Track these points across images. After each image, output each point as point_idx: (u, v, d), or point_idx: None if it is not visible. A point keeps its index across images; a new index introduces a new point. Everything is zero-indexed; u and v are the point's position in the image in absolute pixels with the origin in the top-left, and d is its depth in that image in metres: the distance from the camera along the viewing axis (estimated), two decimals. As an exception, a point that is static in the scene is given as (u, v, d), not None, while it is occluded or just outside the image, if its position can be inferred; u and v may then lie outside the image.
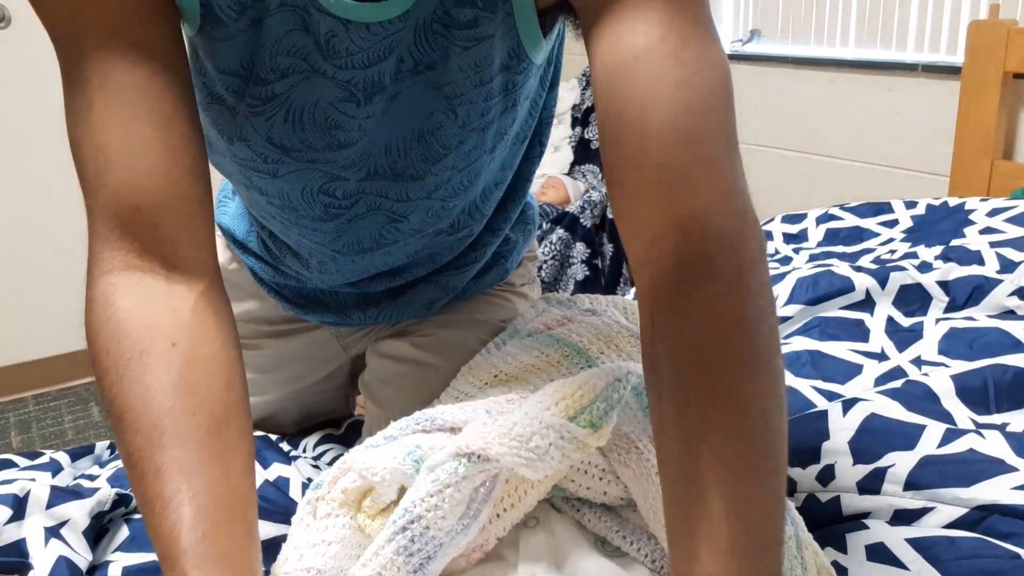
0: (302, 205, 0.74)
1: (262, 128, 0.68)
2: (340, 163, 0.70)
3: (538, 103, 0.78)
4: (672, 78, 0.51)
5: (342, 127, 0.68)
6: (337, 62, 0.63)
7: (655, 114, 0.51)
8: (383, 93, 0.66)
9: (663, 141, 0.51)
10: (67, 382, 2.95)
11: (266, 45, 0.63)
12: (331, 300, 0.92)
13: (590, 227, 2.77)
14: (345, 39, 0.62)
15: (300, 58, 0.63)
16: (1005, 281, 1.10)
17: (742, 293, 0.50)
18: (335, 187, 0.73)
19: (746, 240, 0.51)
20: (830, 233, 1.50)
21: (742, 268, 0.50)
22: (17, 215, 2.79)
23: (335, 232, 0.77)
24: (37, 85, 2.66)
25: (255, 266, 0.93)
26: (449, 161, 0.72)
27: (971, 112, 1.99)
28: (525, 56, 0.67)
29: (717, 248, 0.50)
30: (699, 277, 0.49)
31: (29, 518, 0.71)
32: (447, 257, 0.87)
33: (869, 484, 0.75)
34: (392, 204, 0.75)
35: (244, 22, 0.62)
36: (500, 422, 0.58)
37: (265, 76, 0.64)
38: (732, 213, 0.51)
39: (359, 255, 0.80)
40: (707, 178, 0.51)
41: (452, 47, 0.64)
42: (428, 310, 0.92)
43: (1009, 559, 0.64)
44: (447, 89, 0.67)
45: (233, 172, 0.75)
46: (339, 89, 0.65)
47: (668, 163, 0.50)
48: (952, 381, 0.87)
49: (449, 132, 0.70)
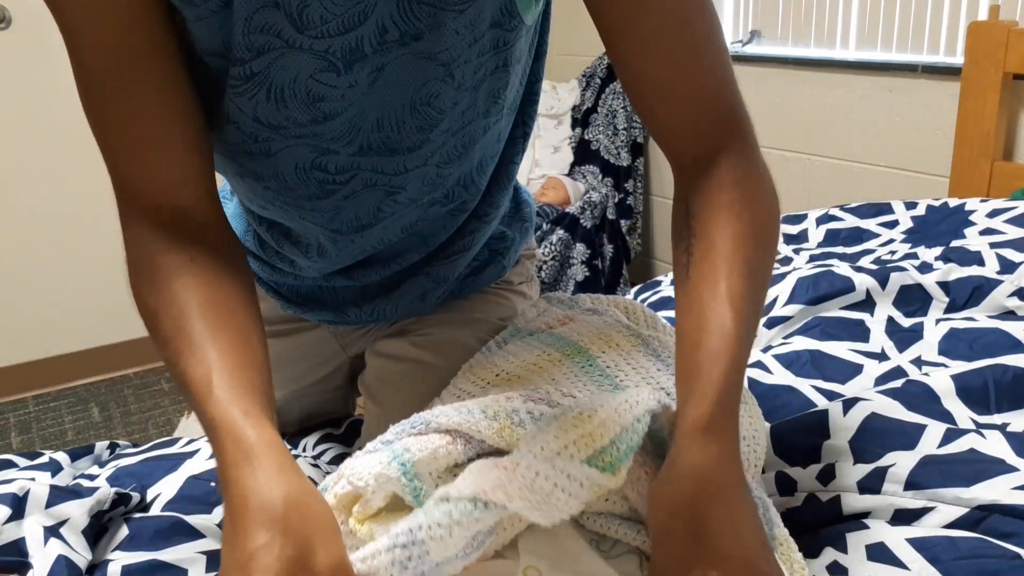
0: (297, 184, 0.75)
1: (247, 107, 0.68)
2: (328, 136, 0.71)
3: (526, 71, 0.79)
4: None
5: (325, 98, 0.68)
6: (312, 32, 0.64)
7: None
8: (365, 62, 0.66)
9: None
10: (67, 382, 2.95)
11: (238, 25, 0.63)
12: (328, 297, 0.92)
13: (590, 228, 2.77)
14: (319, 7, 0.62)
15: (274, 35, 0.64)
16: (1005, 282, 1.10)
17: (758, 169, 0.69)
18: (326, 161, 0.73)
19: (746, 126, 0.70)
20: (830, 234, 1.50)
21: (756, 151, 0.70)
22: (17, 215, 2.78)
23: (332, 210, 0.77)
24: (37, 85, 2.67)
25: (252, 265, 0.93)
26: (444, 125, 0.72)
27: (971, 113, 1.99)
28: (516, 14, 0.68)
29: (741, 135, 0.69)
30: (730, 157, 0.67)
31: (28, 517, 0.70)
32: (440, 238, 0.87)
33: (869, 484, 0.75)
34: (389, 178, 0.75)
35: (214, 3, 0.62)
36: (521, 470, 0.57)
37: (241, 55, 0.65)
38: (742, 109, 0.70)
39: (357, 232, 0.80)
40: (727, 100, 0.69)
41: (445, 14, 0.65)
42: (422, 303, 0.92)
43: (1009, 559, 0.64)
44: (443, 56, 0.67)
45: (227, 163, 0.76)
46: (317, 60, 0.65)
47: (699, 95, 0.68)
48: (952, 381, 0.87)
49: (445, 96, 0.70)
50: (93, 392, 2.89)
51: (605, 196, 2.88)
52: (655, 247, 3.14)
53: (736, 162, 0.67)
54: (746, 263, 0.63)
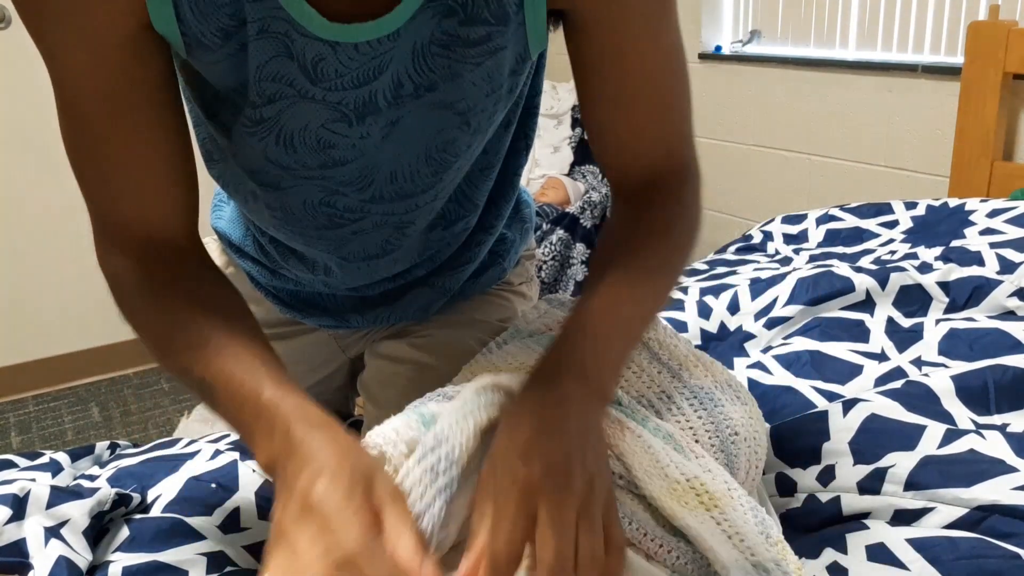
0: (305, 216, 0.75)
1: (258, 147, 0.68)
2: (338, 179, 0.71)
3: (524, 91, 0.78)
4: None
5: (335, 146, 0.68)
6: (326, 84, 0.63)
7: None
8: (378, 115, 0.66)
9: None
10: (67, 382, 2.95)
11: (251, 71, 0.62)
12: (329, 304, 0.92)
13: (590, 228, 2.77)
14: (334, 61, 0.62)
15: (286, 84, 0.63)
16: (1005, 282, 1.10)
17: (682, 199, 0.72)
18: (335, 200, 0.73)
19: (692, 170, 0.73)
20: (830, 234, 1.50)
21: (696, 193, 0.73)
22: (17, 215, 2.79)
23: (339, 240, 0.77)
24: (37, 85, 2.66)
25: (251, 270, 0.93)
26: (456, 165, 0.73)
27: (971, 113, 1.99)
28: (528, 56, 0.68)
29: (689, 181, 0.72)
30: (663, 184, 0.71)
31: (29, 518, 0.70)
32: (445, 254, 0.87)
33: (869, 484, 0.76)
34: (400, 217, 0.76)
35: (230, 48, 0.61)
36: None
37: (254, 100, 0.64)
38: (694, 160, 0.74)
39: (364, 262, 0.81)
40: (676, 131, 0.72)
41: (463, 65, 0.64)
42: (425, 313, 0.92)
43: (1009, 559, 0.64)
44: (460, 105, 0.67)
45: (238, 182, 0.75)
46: (329, 111, 0.65)
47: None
48: (952, 381, 0.87)
49: (461, 142, 0.70)
50: (93, 392, 2.89)
51: (605, 196, 2.88)
52: (655, 247, 3.14)
53: (672, 205, 0.71)
54: (649, 277, 0.68)
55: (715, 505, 0.61)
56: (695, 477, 0.62)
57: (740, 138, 2.66)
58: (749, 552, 0.60)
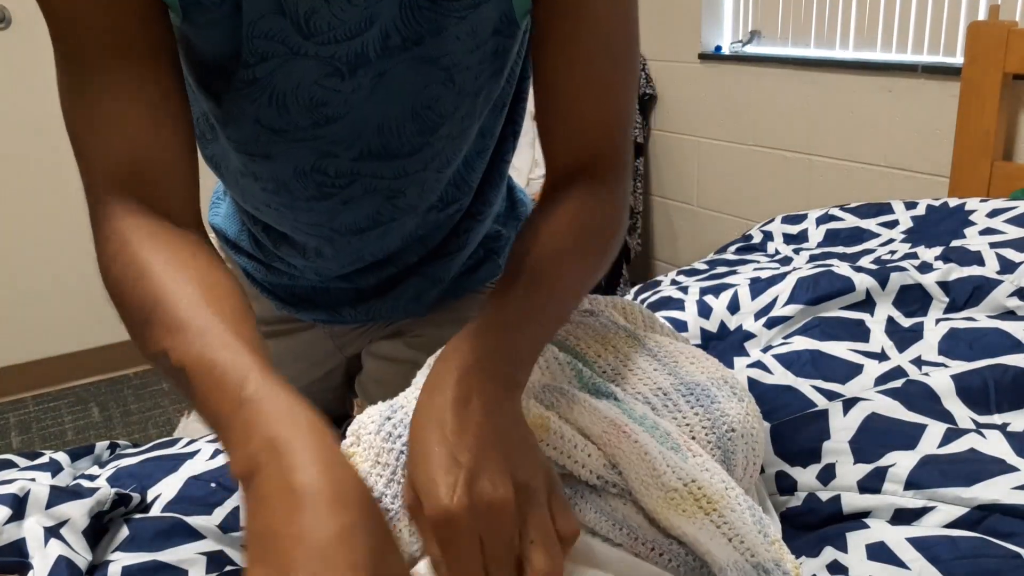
0: (296, 186, 0.75)
1: (249, 111, 0.68)
2: (328, 139, 0.71)
3: (515, 70, 0.79)
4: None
5: (327, 103, 0.68)
6: (319, 38, 0.64)
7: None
8: (368, 67, 0.67)
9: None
10: (67, 382, 2.95)
11: (244, 28, 0.63)
12: (323, 298, 0.92)
13: (590, 228, 2.77)
14: (327, 14, 0.63)
15: (278, 41, 0.64)
16: (1005, 282, 1.10)
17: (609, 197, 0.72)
18: (327, 164, 0.73)
19: (625, 163, 0.73)
20: (830, 234, 1.50)
21: (623, 184, 0.73)
22: (17, 215, 2.79)
23: (330, 212, 0.78)
24: (37, 85, 2.67)
25: (247, 265, 0.94)
26: (444, 130, 0.73)
27: (971, 113, 1.99)
28: (515, 21, 0.69)
29: (617, 169, 0.72)
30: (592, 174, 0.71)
31: (29, 518, 0.70)
32: (435, 239, 0.87)
33: (870, 483, 0.76)
34: (389, 183, 0.76)
35: (227, 7, 0.62)
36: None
37: (247, 59, 0.65)
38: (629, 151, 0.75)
39: (355, 235, 0.81)
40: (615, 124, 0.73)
41: (447, 19, 0.65)
42: (417, 303, 0.92)
43: (1009, 559, 0.64)
44: (444, 60, 0.68)
45: (228, 160, 0.76)
46: (322, 66, 0.66)
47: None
48: (952, 381, 0.88)
49: (446, 101, 0.71)
50: (93, 392, 2.89)
51: (605, 196, 2.88)
52: (655, 247, 3.14)
53: (598, 190, 0.71)
54: (574, 266, 0.67)
55: (714, 508, 0.61)
56: (693, 481, 0.62)
57: (740, 138, 2.66)
58: (749, 553, 0.60)
